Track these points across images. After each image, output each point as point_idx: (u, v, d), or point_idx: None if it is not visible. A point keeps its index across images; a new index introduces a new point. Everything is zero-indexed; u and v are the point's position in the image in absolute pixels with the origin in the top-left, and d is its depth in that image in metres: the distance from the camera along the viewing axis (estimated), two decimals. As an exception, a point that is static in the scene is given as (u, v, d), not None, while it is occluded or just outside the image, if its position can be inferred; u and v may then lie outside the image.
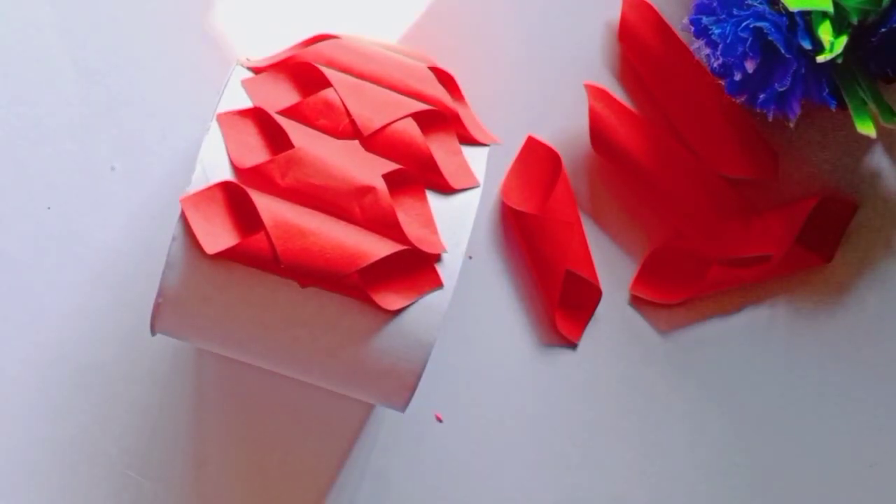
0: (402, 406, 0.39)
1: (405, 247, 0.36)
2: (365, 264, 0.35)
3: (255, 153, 0.36)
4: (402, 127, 0.37)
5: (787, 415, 0.49)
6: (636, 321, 0.48)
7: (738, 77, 0.43)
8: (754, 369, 0.48)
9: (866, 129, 0.42)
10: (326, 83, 0.38)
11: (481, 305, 0.48)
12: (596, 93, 0.46)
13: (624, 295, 0.48)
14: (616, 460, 0.48)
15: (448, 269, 0.37)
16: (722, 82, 0.44)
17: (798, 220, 0.46)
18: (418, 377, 0.38)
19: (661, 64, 0.47)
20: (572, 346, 0.48)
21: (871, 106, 0.42)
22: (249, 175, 0.36)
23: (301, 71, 0.39)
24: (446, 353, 0.46)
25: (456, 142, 0.39)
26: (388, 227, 0.36)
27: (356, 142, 0.37)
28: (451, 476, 0.47)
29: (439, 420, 0.47)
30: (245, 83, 0.38)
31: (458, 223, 0.37)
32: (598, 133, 0.46)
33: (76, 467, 0.47)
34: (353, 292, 0.36)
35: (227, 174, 0.36)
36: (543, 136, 0.47)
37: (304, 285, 0.36)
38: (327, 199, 0.36)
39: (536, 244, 0.46)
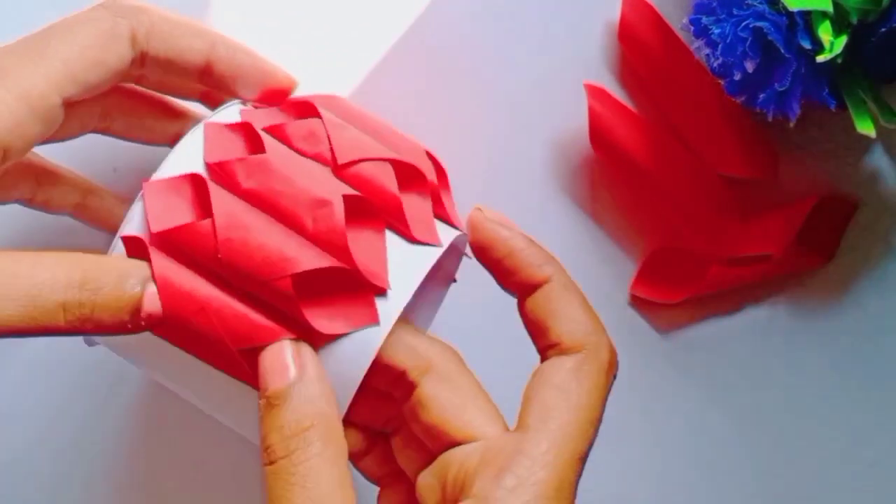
0: None
1: (344, 265, 0.34)
2: (300, 270, 0.33)
3: (228, 153, 0.36)
4: (377, 169, 0.36)
5: (787, 414, 0.49)
6: (636, 321, 0.48)
7: (738, 77, 0.43)
8: (754, 369, 0.48)
9: (866, 129, 0.42)
10: (316, 116, 0.38)
11: (481, 300, 0.48)
12: (595, 92, 0.46)
13: (624, 295, 0.48)
14: (616, 460, 0.48)
15: (387, 311, 0.35)
16: (722, 82, 0.44)
17: (798, 219, 0.46)
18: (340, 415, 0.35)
19: (661, 64, 0.47)
20: None
21: (871, 106, 0.42)
22: (216, 171, 0.36)
23: (296, 105, 0.39)
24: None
25: (429, 206, 0.37)
26: (334, 245, 0.34)
27: (328, 168, 0.37)
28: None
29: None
30: (242, 111, 0.38)
31: (411, 271, 0.35)
32: (598, 133, 0.46)
33: (76, 467, 0.47)
34: (284, 304, 0.34)
35: (198, 169, 0.36)
36: (543, 136, 0.47)
37: (235, 286, 0.34)
38: (282, 206, 0.35)
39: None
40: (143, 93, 0.42)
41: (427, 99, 0.47)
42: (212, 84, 0.39)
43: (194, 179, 0.36)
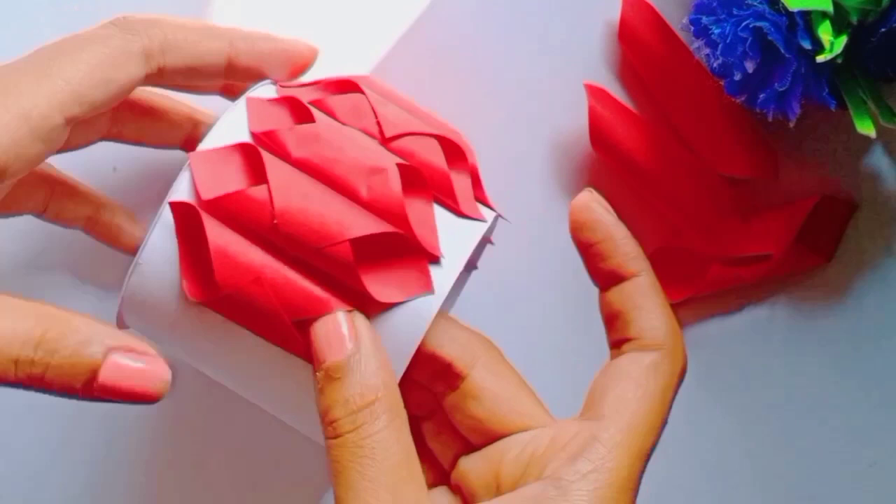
0: None
1: (402, 231, 0.34)
2: (359, 234, 0.33)
3: (275, 124, 0.36)
4: (424, 143, 0.36)
5: (787, 414, 0.49)
6: (636, 321, 0.48)
7: (738, 77, 0.43)
8: (754, 369, 0.48)
9: (866, 129, 0.42)
10: (358, 92, 0.38)
11: (481, 302, 0.48)
12: (595, 92, 0.46)
13: (624, 295, 0.48)
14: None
15: (440, 281, 0.35)
16: (722, 82, 0.44)
17: (798, 219, 0.46)
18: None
19: (661, 64, 0.47)
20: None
21: (871, 106, 0.42)
22: (263, 141, 0.35)
23: (335, 83, 0.39)
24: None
25: (469, 183, 0.38)
26: (390, 212, 0.34)
27: (376, 140, 0.36)
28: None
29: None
30: (278, 88, 0.38)
31: (460, 243, 0.35)
32: (598, 133, 0.46)
33: (75, 467, 0.47)
34: (340, 270, 0.34)
35: (245, 139, 0.35)
36: (543, 136, 0.47)
37: (288, 253, 0.34)
38: (335, 174, 0.35)
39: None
40: (153, 102, 0.41)
41: (427, 99, 0.47)
42: (238, 77, 0.39)
43: (244, 148, 0.35)
